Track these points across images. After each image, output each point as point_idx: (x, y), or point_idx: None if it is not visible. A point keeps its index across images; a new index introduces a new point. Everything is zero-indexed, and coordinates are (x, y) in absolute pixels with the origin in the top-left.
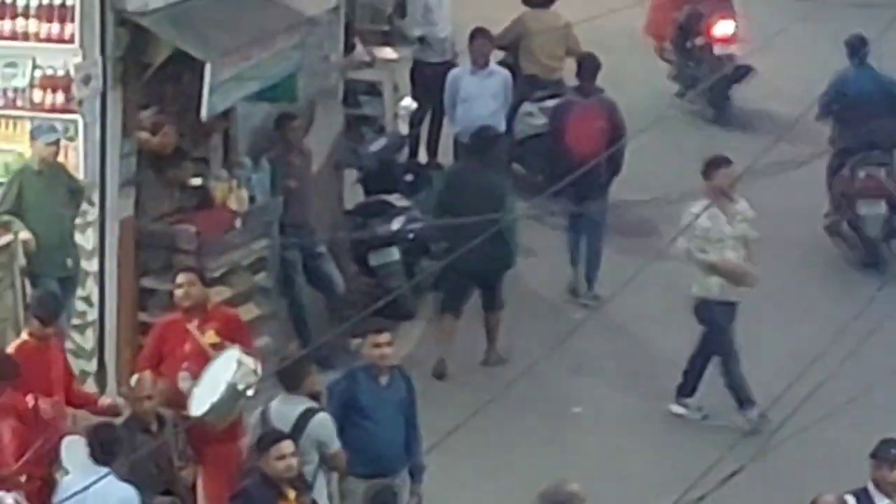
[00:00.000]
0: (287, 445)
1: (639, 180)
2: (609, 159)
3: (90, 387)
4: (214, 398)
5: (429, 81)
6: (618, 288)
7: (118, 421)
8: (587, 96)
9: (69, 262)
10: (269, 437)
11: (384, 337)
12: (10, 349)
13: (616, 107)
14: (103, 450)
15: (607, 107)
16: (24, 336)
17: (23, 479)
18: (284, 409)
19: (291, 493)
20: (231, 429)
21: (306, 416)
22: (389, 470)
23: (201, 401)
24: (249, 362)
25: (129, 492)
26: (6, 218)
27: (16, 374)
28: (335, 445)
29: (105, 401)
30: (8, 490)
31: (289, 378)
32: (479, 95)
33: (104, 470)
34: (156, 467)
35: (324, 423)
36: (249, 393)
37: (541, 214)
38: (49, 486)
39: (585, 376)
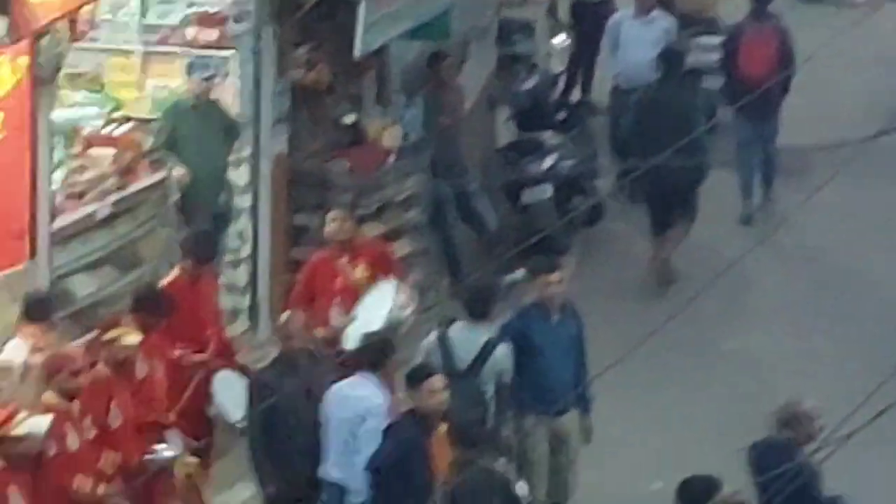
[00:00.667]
0: (438, 380)
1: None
2: (780, 82)
3: (243, 323)
4: (371, 331)
5: (587, 21)
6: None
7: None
8: (761, 21)
9: (222, 198)
10: (421, 372)
11: (556, 276)
12: (163, 284)
13: (788, 32)
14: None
15: (780, 32)
16: (177, 272)
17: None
18: (469, 336)
19: (442, 428)
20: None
21: (491, 345)
22: (562, 407)
23: (356, 335)
24: (404, 297)
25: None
26: (160, 154)
27: (170, 310)
28: (509, 378)
29: (241, 358)
30: (164, 428)
31: (478, 305)
32: (640, 42)
33: None
34: (307, 405)
35: (507, 354)
36: (404, 328)
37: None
38: (203, 422)
39: (743, 313)
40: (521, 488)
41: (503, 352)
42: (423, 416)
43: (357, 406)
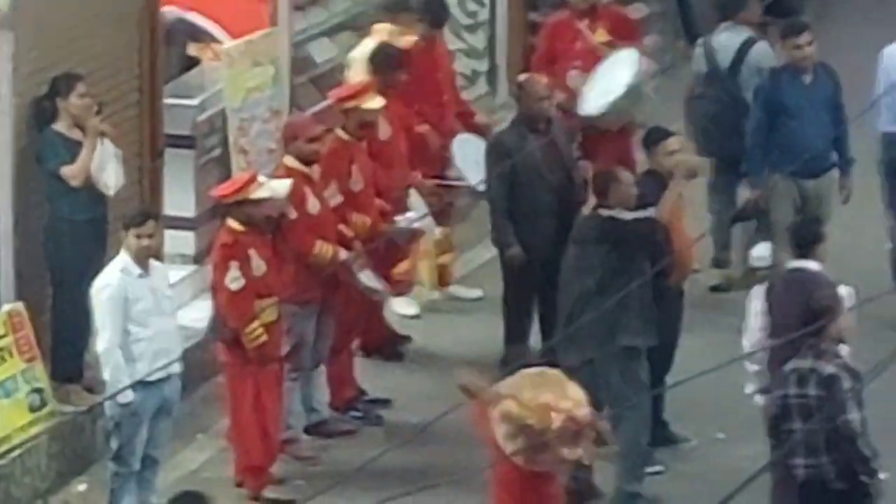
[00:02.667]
0: (674, 141)
1: None
2: None
3: (481, 86)
4: (611, 98)
5: None
6: None
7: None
8: None
9: None
10: (658, 134)
11: (805, 37)
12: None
13: None
14: None
15: None
16: (413, 37)
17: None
18: (726, 41)
19: (678, 186)
20: (625, 127)
21: (749, 42)
22: (818, 168)
23: (595, 100)
24: (646, 62)
25: None
26: None
27: (404, 64)
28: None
29: (482, 119)
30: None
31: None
32: None
33: None
34: (546, 167)
35: (765, 51)
36: (648, 93)
37: None
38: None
39: None
40: (761, 250)
41: (761, 48)
42: (658, 175)
43: None
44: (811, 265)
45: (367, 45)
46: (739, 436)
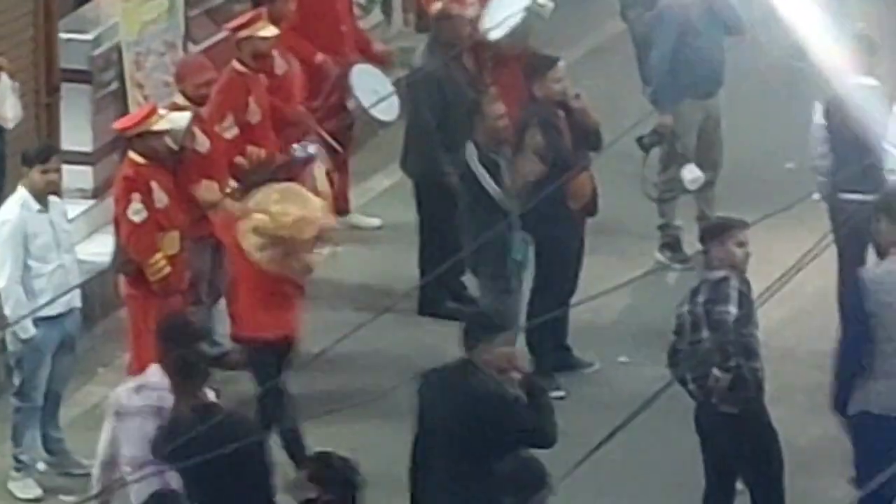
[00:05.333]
0: (561, 68)
1: None
2: None
3: (376, 15)
4: (510, 23)
5: None
6: None
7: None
8: None
9: None
10: (544, 62)
11: None
12: None
13: None
14: None
15: None
16: None
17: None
18: None
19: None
20: (522, 52)
21: None
22: (715, 87)
23: (494, 22)
24: None
25: None
26: None
27: None
28: None
29: (379, 47)
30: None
31: None
32: None
33: None
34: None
35: None
36: (545, 15)
37: None
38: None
39: None
40: (692, 171)
41: None
42: (547, 104)
43: None
44: None
45: None
46: (643, 359)
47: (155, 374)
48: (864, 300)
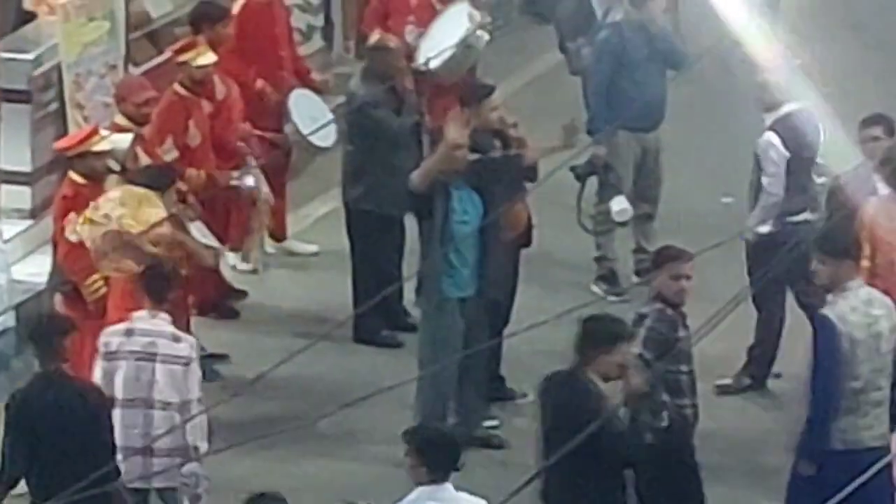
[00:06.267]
0: (496, 98)
1: None
2: None
3: (316, 41)
4: (447, 54)
5: None
6: None
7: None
8: None
9: None
10: (482, 91)
11: None
12: (235, 9)
13: None
14: None
15: None
16: None
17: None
18: None
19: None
20: (460, 82)
21: None
22: (656, 121)
23: (431, 52)
24: (479, 15)
25: None
26: None
27: (225, 18)
28: None
29: (317, 76)
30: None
31: None
32: None
33: None
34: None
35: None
36: (480, 46)
37: None
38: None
39: None
40: (620, 203)
41: None
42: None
43: None
44: None
45: None
46: None
47: (143, 318)
48: (839, 339)
